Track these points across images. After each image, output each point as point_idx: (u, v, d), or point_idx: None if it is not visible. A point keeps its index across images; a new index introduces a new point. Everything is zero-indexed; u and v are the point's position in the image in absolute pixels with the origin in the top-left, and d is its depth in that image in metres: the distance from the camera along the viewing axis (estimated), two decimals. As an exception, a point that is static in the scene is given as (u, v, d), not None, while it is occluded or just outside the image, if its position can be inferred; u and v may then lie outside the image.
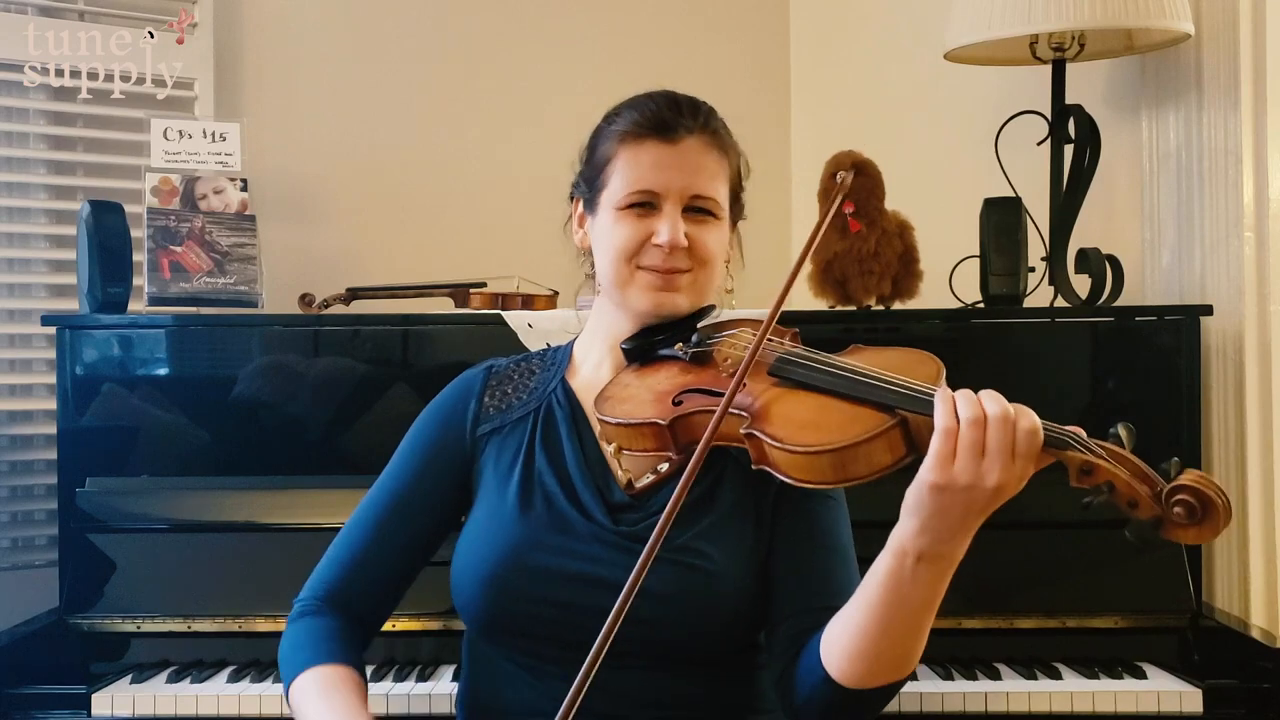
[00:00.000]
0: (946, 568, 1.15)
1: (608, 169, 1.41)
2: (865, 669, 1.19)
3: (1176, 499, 1.06)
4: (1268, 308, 2.13)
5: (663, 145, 1.38)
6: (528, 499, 1.38)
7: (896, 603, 1.15)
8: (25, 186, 2.47)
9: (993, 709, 1.79)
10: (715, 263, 1.41)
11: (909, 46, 2.73)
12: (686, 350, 1.39)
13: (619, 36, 2.88)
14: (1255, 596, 2.12)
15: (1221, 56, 2.18)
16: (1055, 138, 2.27)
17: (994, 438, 1.09)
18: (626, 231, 1.38)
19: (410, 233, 2.71)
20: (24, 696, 1.81)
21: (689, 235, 1.37)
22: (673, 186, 1.37)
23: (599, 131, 1.45)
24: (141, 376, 2.11)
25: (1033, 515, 2.01)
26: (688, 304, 1.40)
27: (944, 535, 1.12)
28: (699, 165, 1.39)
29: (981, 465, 1.09)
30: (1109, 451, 1.10)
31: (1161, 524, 1.08)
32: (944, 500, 1.10)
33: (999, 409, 1.10)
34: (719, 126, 1.44)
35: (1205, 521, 1.06)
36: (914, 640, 1.19)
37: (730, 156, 1.44)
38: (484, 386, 1.47)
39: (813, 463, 1.17)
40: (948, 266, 2.31)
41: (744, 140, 1.49)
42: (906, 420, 1.16)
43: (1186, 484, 1.06)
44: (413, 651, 1.93)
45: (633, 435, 1.32)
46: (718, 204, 1.40)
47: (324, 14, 2.72)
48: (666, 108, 1.40)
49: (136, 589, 1.98)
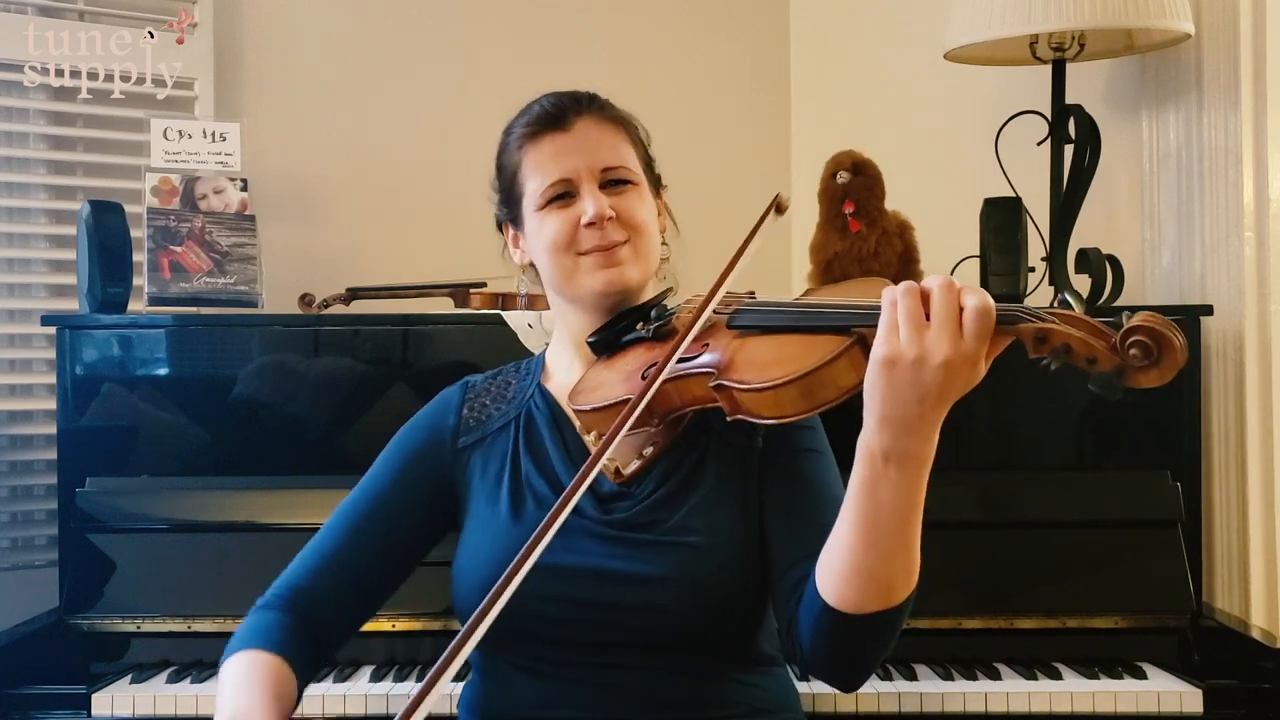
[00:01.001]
0: (918, 467, 1.13)
1: (518, 178, 1.45)
2: (860, 589, 1.18)
3: (1131, 340, 1.05)
4: (1268, 308, 2.13)
5: (559, 135, 1.43)
6: (519, 504, 1.39)
7: (876, 512, 1.14)
8: (25, 186, 2.47)
9: (993, 709, 1.79)
10: (648, 228, 1.44)
11: (909, 46, 2.73)
12: (649, 329, 1.41)
13: (619, 37, 2.88)
14: (1255, 596, 2.12)
15: (1221, 56, 2.18)
16: (1055, 138, 2.27)
17: (937, 304, 1.08)
18: (555, 225, 1.41)
19: (410, 233, 2.71)
20: (24, 696, 1.81)
21: (614, 206, 1.41)
22: (581, 166, 1.41)
23: (501, 150, 1.49)
24: (141, 376, 2.11)
25: (1033, 515, 2.02)
26: (637, 274, 1.43)
27: (903, 427, 1.10)
28: (598, 140, 1.43)
29: (926, 336, 1.07)
30: (1061, 316, 1.09)
31: (1123, 372, 1.07)
32: (894, 378, 1.08)
33: (941, 280, 1.09)
34: (605, 104, 1.47)
35: (1164, 359, 1.05)
36: (903, 553, 1.17)
37: (627, 128, 1.48)
38: (462, 400, 1.50)
39: (780, 396, 1.19)
40: (948, 266, 2.32)
41: (744, 140, 1.50)
42: (864, 337, 1.16)
43: (1138, 324, 1.05)
44: (413, 651, 1.94)
45: (609, 418, 1.31)
46: (629, 170, 1.44)
47: (324, 14, 2.72)
48: (551, 104, 1.45)
49: (136, 589, 1.98)
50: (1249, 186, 2.14)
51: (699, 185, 1.55)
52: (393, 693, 1.80)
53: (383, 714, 1.79)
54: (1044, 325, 1.08)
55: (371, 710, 1.78)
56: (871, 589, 1.18)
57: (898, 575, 1.18)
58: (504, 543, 1.36)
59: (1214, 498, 2.16)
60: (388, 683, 1.84)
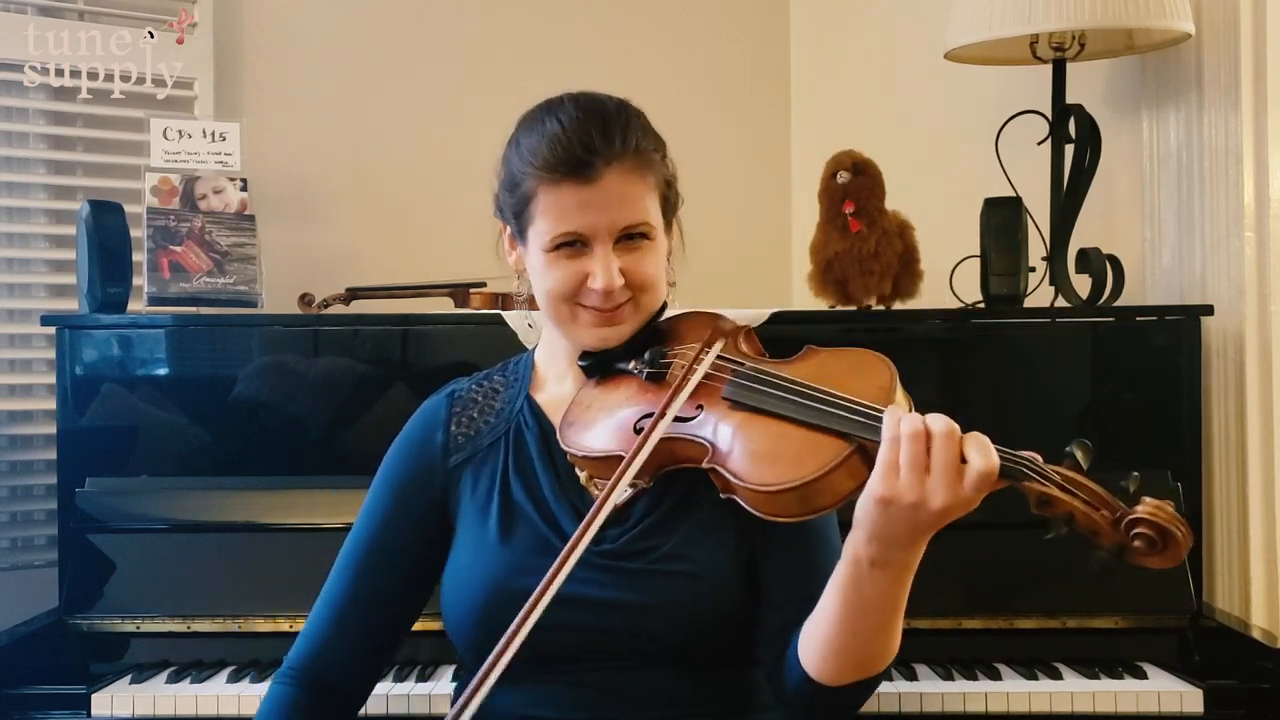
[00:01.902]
0: (902, 573, 1.15)
1: (530, 206, 1.35)
2: (837, 667, 1.21)
3: (1136, 532, 1.07)
4: (1268, 308, 2.13)
5: (583, 187, 1.31)
6: (508, 527, 1.36)
7: (858, 606, 1.17)
8: (25, 186, 2.47)
9: (993, 709, 1.79)
10: (655, 285, 1.38)
11: (909, 46, 2.73)
12: (641, 369, 1.37)
13: (619, 37, 2.88)
14: (1255, 596, 2.12)
15: (1221, 56, 2.18)
16: (1055, 138, 2.27)
17: (938, 453, 1.09)
18: (560, 275, 1.34)
19: (410, 233, 2.71)
20: (24, 696, 1.81)
21: (625, 269, 1.33)
22: (600, 225, 1.32)
23: (510, 159, 1.38)
24: (141, 376, 2.11)
25: (1033, 515, 2.01)
26: (631, 330, 1.38)
27: (892, 546, 1.13)
28: (622, 197, 1.32)
29: (926, 483, 1.09)
30: (1065, 479, 1.10)
31: (1125, 551, 1.08)
32: (890, 514, 1.10)
33: (943, 425, 1.10)
34: (636, 139, 1.34)
35: (1168, 551, 1.07)
36: (883, 639, 1.20)
37: (654, 170, 1.36)
38: (449, 414, 1.45)
39: (777, 500, 1.18)
40: (948, 266, 2.31)
41: (744, 140, 1.48)
42: (864, 446, 1.16)
43: (1143, 517, 1.07)
44: (413, 651, 1.93)
45: (600, 466, 1.32)
46: (650, 226, 1.35)
47: (324, 14, 2.72)
48: (579, 144, 1.30)
49: (136, 589, 1.98)
50: (1249, 186, 2.14)
51: (699, 185, 1.54)
52: (393, 693, 1.80)
53: (383, 714, 1.79)
54: (1048, 490, 1.09)
55: (371, 710, 1.78)
56: (849, 666, 1.21)
57: (877, 655, 1.21)
58: (491, 565, 1.35)
59: (1214, 498, 2.16)
60: (388, 683, 1.84)
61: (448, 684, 1.82)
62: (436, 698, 1.79)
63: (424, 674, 1.87)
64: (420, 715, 1.79)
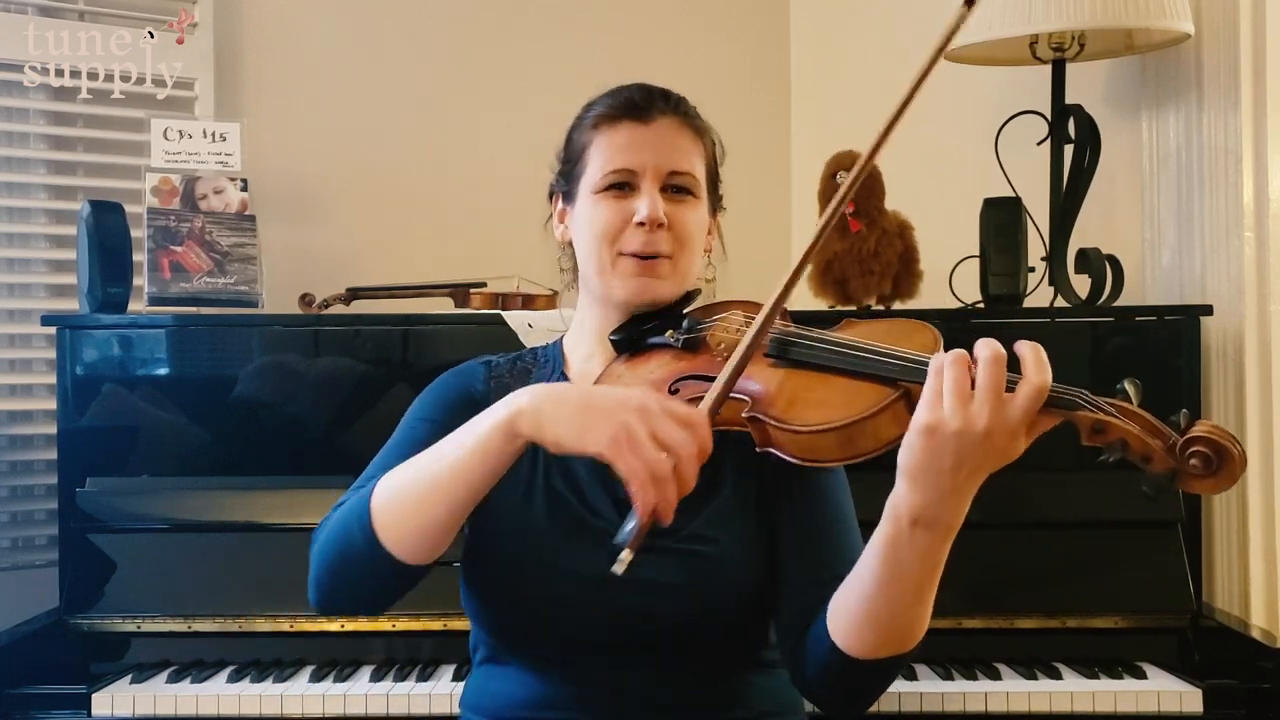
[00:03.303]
0: (944, 534, 1.13)
1: (584, 156, 1.42)
2: (870, 639, 1.19)
3: (1192, 450, 1.05)
4: (1268, 308, 2.13)
5: (637, 125, 1.40)
6: (536, 501, 1.36)
7: (896, 570, 1.15)
8: (25, 186, 2.47)
9: (993, 709, 1.79)
10: (694, 245, 1.41)
11: (909, 46, 2.72)
12: (678, 337, 1.38)
13: (619, 37, 2.88)
14: (1255, 596, 2.12)
15: (1221, 56, 2.18)
16: (1055, 138, 2.27)
17: (984, 378, 1.07)
18: (606, 214, 1.38)
19: (410, 233, 2.71)
20: (24, 696, 1.81)
21: (669, 214, 1.37)
22: (649, 163, 1.38)
23: (575, 124, 1.46)
24: (141, 376, 2.11)
25: (1033, 515, 2.02)
26: (670, 290, 1.40)
27: (937, 494, 1.10)
28: (674, 143, 1.40)
29: (970, 407, 1.07)
30: (1118, 408, 1.09)
31: (1177, 475, 1.07)
32: (934, 445, 1.08)
33: (990, 351, 1.08)
34: (691, 111, 1.45)
35: (1222, 471, 1.05)
36: (917, 609, 1.18)
37: (704, 140, 1.45)
38: (488, 376, 1.45)
39: (818, 441, 1.17)
40: (948, 266, 2.31)
41: (744, 140, 1.48)
42: (909, 392, 1.15)
43: (1201, 435, 1.06)
44: (413, 651, 1.93)
45: None
46: (695, 180, 1.41)
47: (324, 14, 2.72)
48: (639, 93, 1.42)
49: (136, 589, 1.98)
50: (1249, 186, 2.14)
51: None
52: (393, 693, 1.80)
53: (383, 714, 1.79)
54: (1103, 417, 1.08)
55: (371, 710, 1.78)
56: (882, 638, 1.19)
57: (910, 627, 1.19)
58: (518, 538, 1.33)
59: (1214, 498, 2.15)
60: (388, 682, 1.84)
61: (448, 683, 1.82)
62: (436, 697, 1.79)
63: (424, 674, 1.87)
64: (420, 715, 1.79)
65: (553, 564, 1.32)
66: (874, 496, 1.20)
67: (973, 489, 1.11)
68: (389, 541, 1.21)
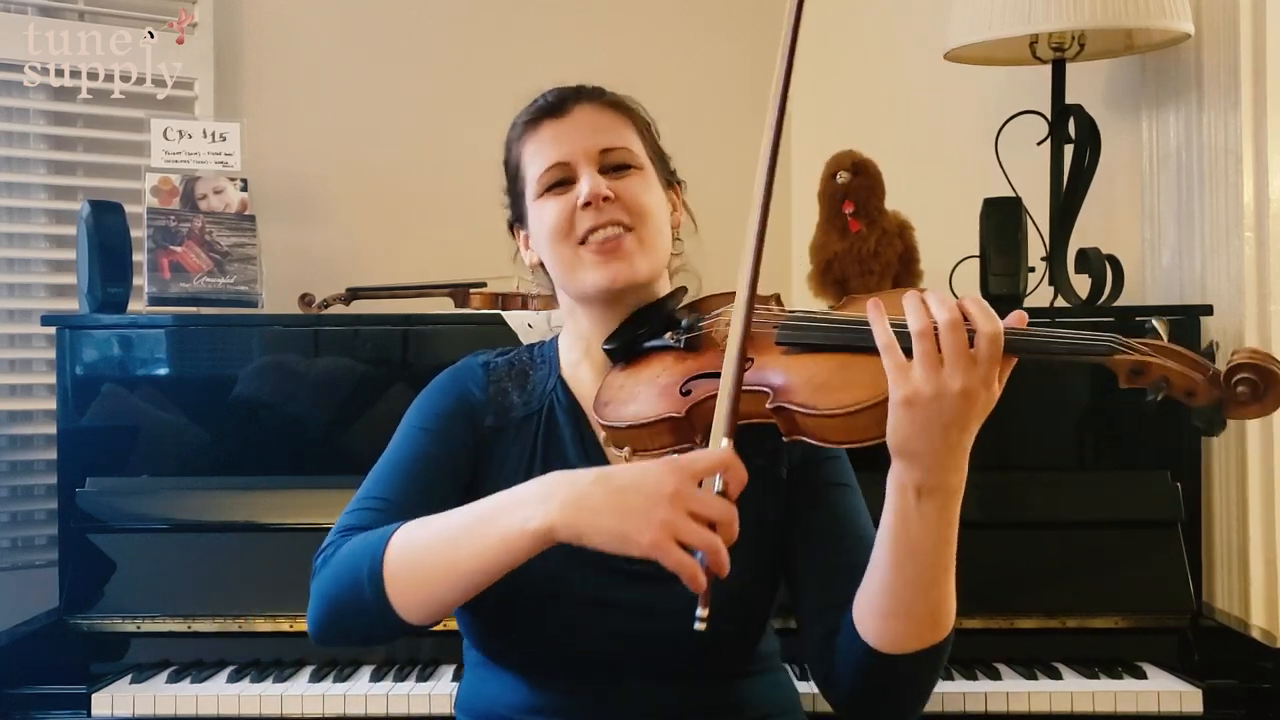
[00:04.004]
0: (948, 500, 1.13)
1: (520, 171, 1.42)
2: (899, 628, 1.18)
3: (1239, 378, 1.05)
4: (1268, 308, 2.13)
5: (557, 121, 1.39)
6: None
7: (911, 547, 1.14)
8: (25, 186, 2.47)
9: (993, 709, 1.79)
10: (653, 215, 1.37)
11: (909, 46, 2.73)
12: (679, 338, 1.34)
13: (619, 37, 2.88)
14: (1255, 596, 2.12)
15: (1221, 56, 2.18)
16: (1055, 138, 2.27)
17: (948, 342, 1.08)
18: (552, 211, 1.36)
19: (410, 233, 2.71)
20: (24, 696, 1.81)
21: (613, 189, 1.35)
22: (577, 149, 1.36)
23: (506, 147, 1.45)
24: (141, 376, 2.11)
25: (1033, 515, 2.02)
26: (645, 266, 1.36)
27: (932, 461, 1.10)
28: (596, 124, 1.39)
29: (941, 373, 1.08)
30: (1153, 347, 1.09)
31: (1224, 405, 1.07)
32: (915, 415, 1.08)
33: (948, 315, 1.08)
34: (611, 96, 1.43)
35: (1269, 395, 1.05)
36: (940, 587, 1.17)
37: (633, 116, 1.43)
38: (486, 379, 1.42)
39: (852, 423, 1.15)
40: (948, 266, 2.31)
41: (744, 140, 1.48)
42: None
43: (1244, 361, 1.06)
44: (413, 651, 1.93)
45: (648, 435, 1.28)
46: (630, 152, 1.38)
47: (324, 14, 2.72)
48: (553, 94, 1.42)
49: (136, 589, 1.98)
50: (1249, 186, 2.14)
51: (698, 185, 1.55)
52: (393, 693, 1.80)
53: (383, 714, 1.79)
54: (1140, 358, 1.08)
55: (371, 710, 1.78)
56: (911, 626, 1.18)
57: (936, 609, 1.18)
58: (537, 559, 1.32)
59: (1214, 498, 2.16)
60: (388, 682, 1.84)
61: (448, 684, 1.82)
62: (436, 697, 1.79)
63: (424, 674, 1.87)
64: (420, 715, 1.79)
65: (552, 592, 1.30)
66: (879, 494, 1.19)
67: (967, 444, 1.11)
68: (399, 605, 1.19)
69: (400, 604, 1.19)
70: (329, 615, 1.25)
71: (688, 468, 1.09)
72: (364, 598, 1.20)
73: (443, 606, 1.20)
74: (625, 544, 1.08)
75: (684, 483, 1.08)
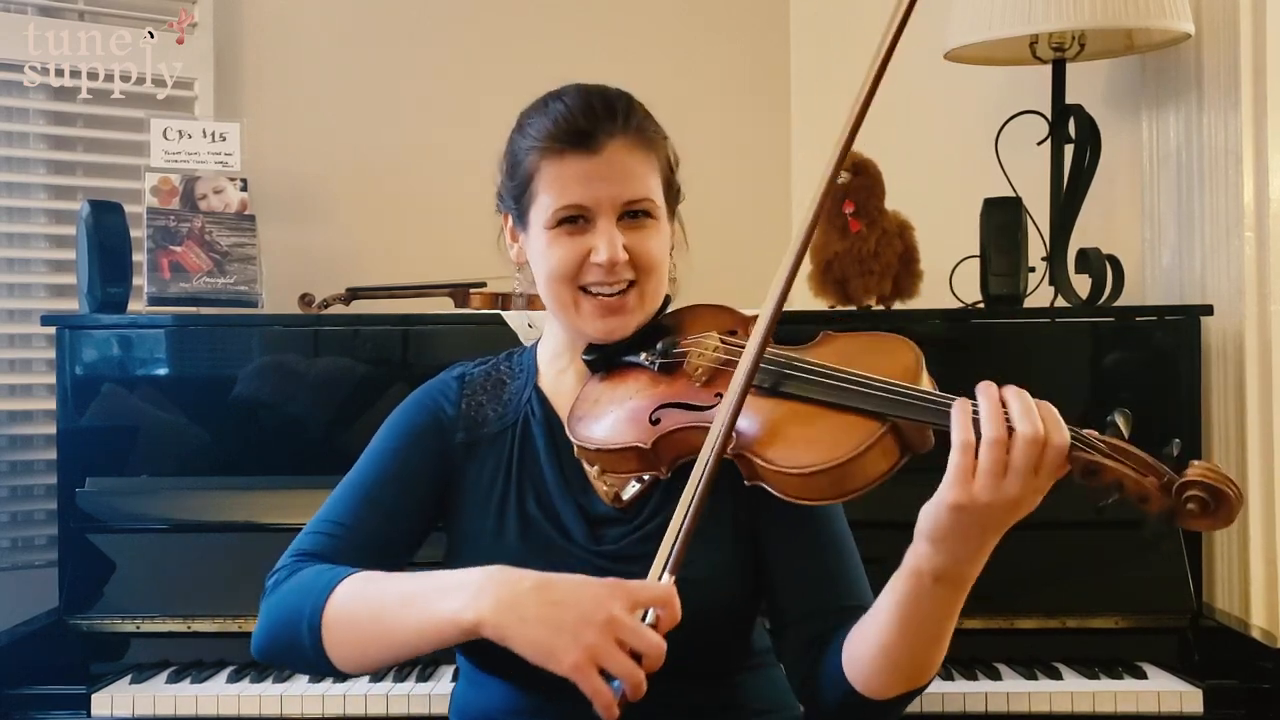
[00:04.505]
0: (964, 585, 1.13)
1: (531, 185, 1.34)
2: (889, 680, 1.19)
3: (1189, 495, 1.05)
4: (1268, 308, 2.13)
5: (586, 157, 1.30)
6: (508, 523, 1.34)
7: (916, 621, 1.15)
8: (25, 186, 2.47)
9: (993, 709, 1.79)
10: (659, 268, 1.35)
11: (909, 46, 2.71)
12: (653, 360, 1.34)
13: (619, 37, 2.88)
14: (1255, 596, 2.12)
15: (1221, 56, 2.18)
16: (1055, 138, 2.27)
17: (1021, 458, 1.05)
18: (561, 253, 1.31)
19: (410, 233, 2.71)
20: (24, 696, 1.81)
21: (628, 246, 1.31)
22: (602, 198, 1.30)
23: (514, 142, 1.37)
24: (141, 376, 2.11)
25: (1033, 515, 2.01)
26: (637, 322, 1.35)
27: (962, 556, 1.10)
28: (626, 170, 1.31)
29: (1003, 483, 1.06)
30: (1111, 446, 1.08)
31: (1175, 515, 1.07)
32: (963, 519, 1.07)
33: (1030, 430, 1.05)
34: (639, 120, 1.34)
35: (1219, 511, 1.05)
36: (936, 651, 1.18)
37: (657, 150, 1.36)
38: (460, 394, 1.42)
39: (809, 482, 1.16)
40: (948, 266, 2.31)
41: (744, 140, 1.47)
42: (897, 425, 1.15)
43: (1196, 479, 1.05)
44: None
45: (615, 459, 1.29)
46: (653, 204, 1.34)
47: (324, 14, 2.72)
48: (582, 115, 1.31)
49: (136, 589, 1.98)
50: (1249, 186, 2.14)
51: (699, 185, 1.54)
52: (393, 693, 1.80)
53: (383, 714, 1.79)
54: (1096, 459, 1.07)
55: (371, 710, 1.79)
56: (901, 677, 1.19)
57: (929, 665, 1.19)
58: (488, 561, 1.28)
59: (1214, 498, 2.15)
60: (388, 683, 1.84)
61: (448, 684, 1.82)
62: (436, 697, 1.79)
63: (424, 674, 1.87)
64: (420, 715, 1.79)
65: None
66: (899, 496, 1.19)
67: (993, 543, 1.11)
68: (334, 656, 1.22)
69: (335, 655, 1.22)
70: (270, 644, 1.28)
71: (627, 596, 1.09)
72: (302, 642, 1.22)
73: (376, 665, 1.24)
74: (548, 659, 1.08)
75: (620, 610, 1.08)
